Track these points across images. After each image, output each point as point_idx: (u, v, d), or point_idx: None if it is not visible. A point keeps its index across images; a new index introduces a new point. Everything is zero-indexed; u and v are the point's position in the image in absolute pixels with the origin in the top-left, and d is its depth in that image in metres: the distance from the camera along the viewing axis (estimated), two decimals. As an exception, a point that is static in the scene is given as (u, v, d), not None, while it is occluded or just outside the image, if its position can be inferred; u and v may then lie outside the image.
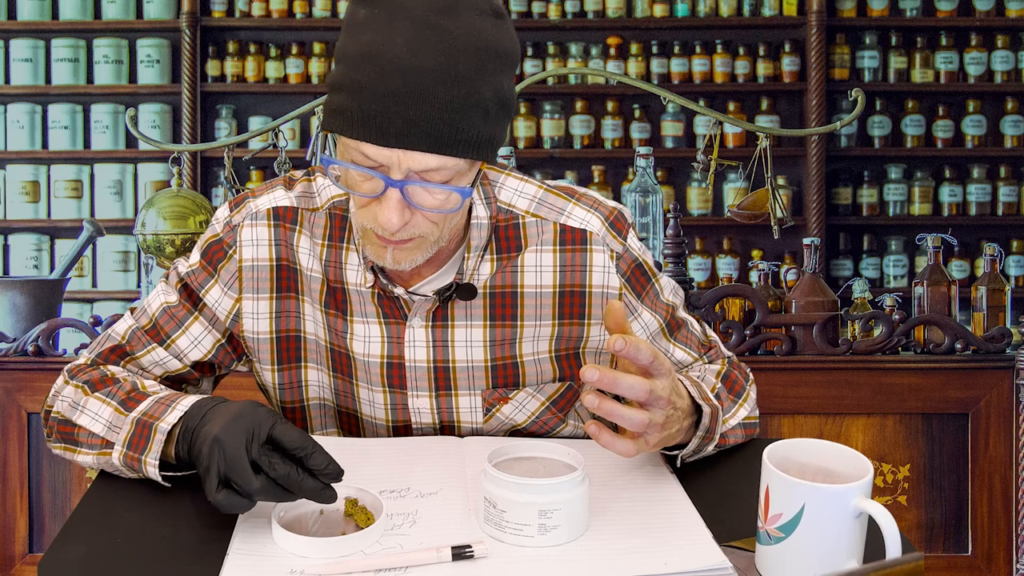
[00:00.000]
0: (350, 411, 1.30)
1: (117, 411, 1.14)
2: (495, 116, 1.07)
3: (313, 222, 1.24)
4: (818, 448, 0.96)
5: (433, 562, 0.93)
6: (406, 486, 1.09)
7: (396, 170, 1.05)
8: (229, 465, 0.97)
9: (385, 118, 1.02)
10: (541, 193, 1.25)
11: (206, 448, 1.00)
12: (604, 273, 1.23)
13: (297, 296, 1.25)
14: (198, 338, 1.26)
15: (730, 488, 1.13)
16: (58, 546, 1.00)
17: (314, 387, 1.29)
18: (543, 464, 1.03)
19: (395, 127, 1.02)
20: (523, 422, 1.29)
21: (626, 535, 0.99)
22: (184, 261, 1.28)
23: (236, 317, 1.25)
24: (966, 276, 4.33)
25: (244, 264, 1.24)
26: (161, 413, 1.09)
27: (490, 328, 1.23)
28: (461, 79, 1.03)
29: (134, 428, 1.10)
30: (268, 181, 1.29)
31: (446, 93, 1.02)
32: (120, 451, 1.10)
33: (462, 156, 1.05)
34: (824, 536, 0.90)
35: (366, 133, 1.04)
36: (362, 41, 1.04)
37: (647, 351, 1.00)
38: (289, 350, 1.27)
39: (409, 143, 1.03)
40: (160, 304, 1.26)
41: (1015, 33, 4.42)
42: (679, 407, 1.07)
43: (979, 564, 2.37)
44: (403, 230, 1.09)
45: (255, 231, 1.24)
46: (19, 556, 2.41)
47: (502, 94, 1.08)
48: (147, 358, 1.26)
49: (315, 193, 1.25)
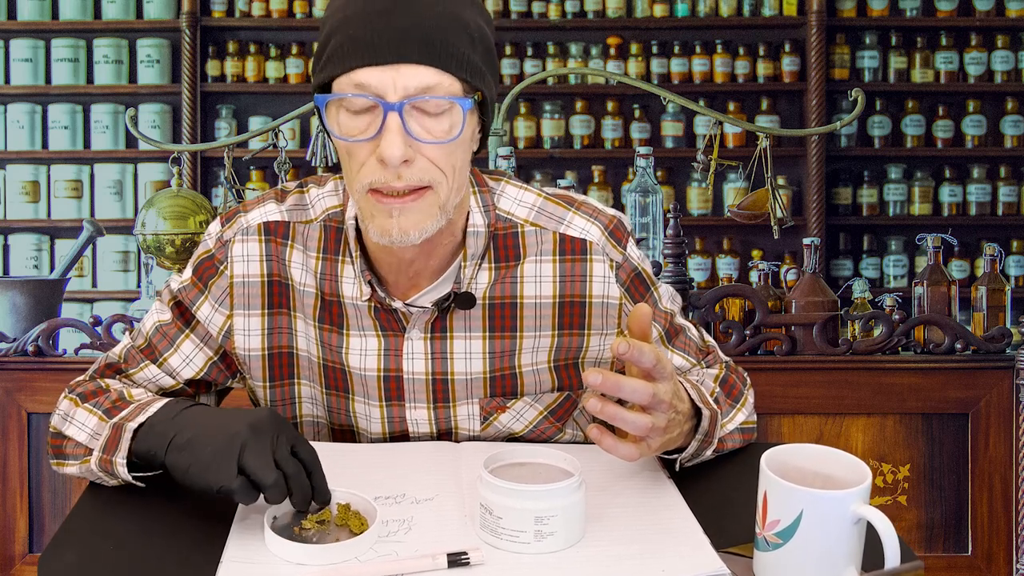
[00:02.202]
0: (344, 427, 1.29)
1: (100, 419, 1.14)
2: (482, 54, 1.09)
3: (307, 235, 1.22)
4: (816, 453, 0.96)
5: (429, 569, 0.92)
6: (401, 492, 1.08)
7: (392, 92, 1.05)
8: (251, 451, 0.98)
9: (376, 34, 1.04)
10: (540, 201, 1.24)
11: (224, 436, 1.00)
12: (604, 283, 1.22)
13: (289, 312, 1.24)
14: (189, 356, 1.25)
15: (728, 494, 1.12)
16: (57, 544, 1.00)
17: (307, 403, 1.28)
18: (539, 470, 1.03)
19: (385, 40, 1.04)
20: (521, 431, 1.28)
21: (623, 541, 0.99)
22: (177, 277, 1.27)
23: (228, 333, 1.24)
24: (966, 276, 4.33)
25: (235, 280, 1.23)
26: (136, 415, 1.09)
27: (489, 339, 1.22)
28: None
29: (110, 432, 1.10)
30: (260, 195, 1.28)
31: (431, 7, 1.05)
32: (97, 456, 1.10)
33: (455, 72, 1.06)
34: (822, 542, 0.89)
35: (358, 56, 1.04)
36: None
37: (650, 354, 0.99)
38: (281, 367, 1.26)
39: (402, 53, 1.04)
40: (154, 323, 1.26)
41: (1015, 33, 4.42)
42: (680, 410, 1.07)
43: (979, 564, 2.37)
44: (407, 171, 1.07)
45: (246, 247, 1.23)
46: (19, 556, 2.41)
47: (484, 35, 1.10)
48: (141, 375, 1.26)
49: (308, 205, 1.24)
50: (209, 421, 1.04)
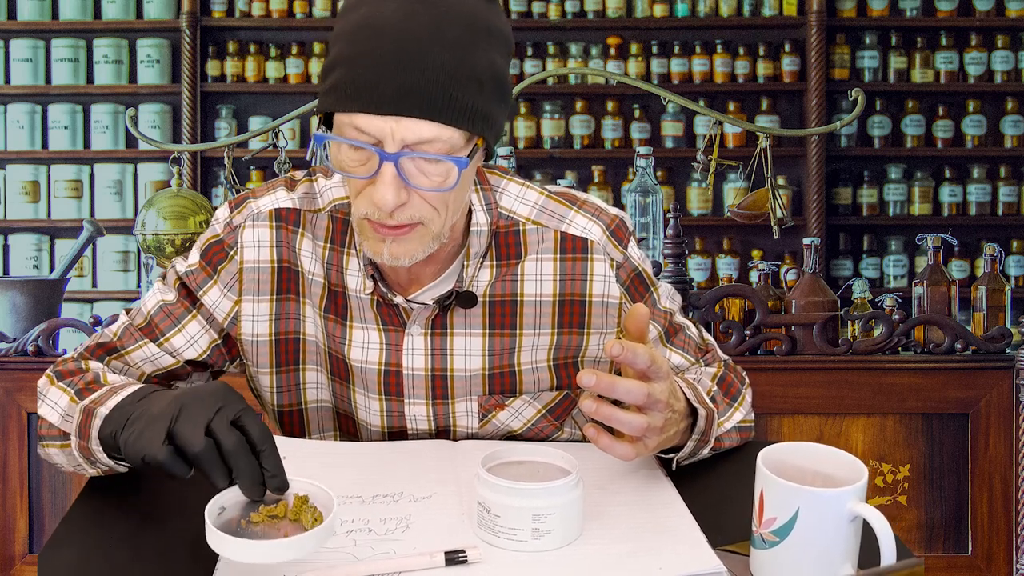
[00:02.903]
0: (347, 413, 1.29)
1: (72, 400, 1.11)
2: (491, 92, 1.06)
3: (315, 224, 1.23)
4: (813, 452, 0.96)
5: (426, 567, 0.92)
6: (399, 490, 1.08)
7: (390, 143, 1.03)
8: (182, 418, 0.93)
9: (378, 84, 1.02)
10: (542, 200, 1.24)
11: (159, 404, 0.96)
12: (604, 282, 1.22)
13: (298, 298, 1.24)
14: (194, 337, 1.24)
15: (725, 492, 1.12)
16: (57, 540, 1.00)
17: (312, 389, 1.28)
18: (537, 468, 1.03)
19: (388, 92, 1.01)
20: (519, 428, 1.28)
21: (621, 539, 0.99)
22: (183, 260, 1.26)
23: (234, 319, 1.24)
24: (966, 276, 4.33)
25: (245, 266, 1.23)
26: (106, 399, 1.06)
27: (489, 337, 1.23)
28: (452, 45, 1.02)
29: (81, 415, 1.07)
30: (268, 181, 1.28)
31: (437, 57, 1.02)
32: (75, 441, 1.08)
33: (456, 125, 1.04)
34: (819, 540, 0.89)
35: (359, 102, 1.03)
36: (354, 18, 1.05)
37: (644, 355, 0.99)
38: (288, 352, 1.26)
39: (402, 108, 1.02)
40: (156, 302, 1.25)
41: (1015, 33, 4.42)
42: (677, 409, 1.07)
43: (979, 564, 2.37)
44: (400, 212, 1.07)
45: (256, 232, 1.23)
46: (19, 556, 2.41)
47: (496, 71, 1.07)
48: (137, 353, 1.23)
49: (317, 194, 1.24)
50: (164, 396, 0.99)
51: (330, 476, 1.12)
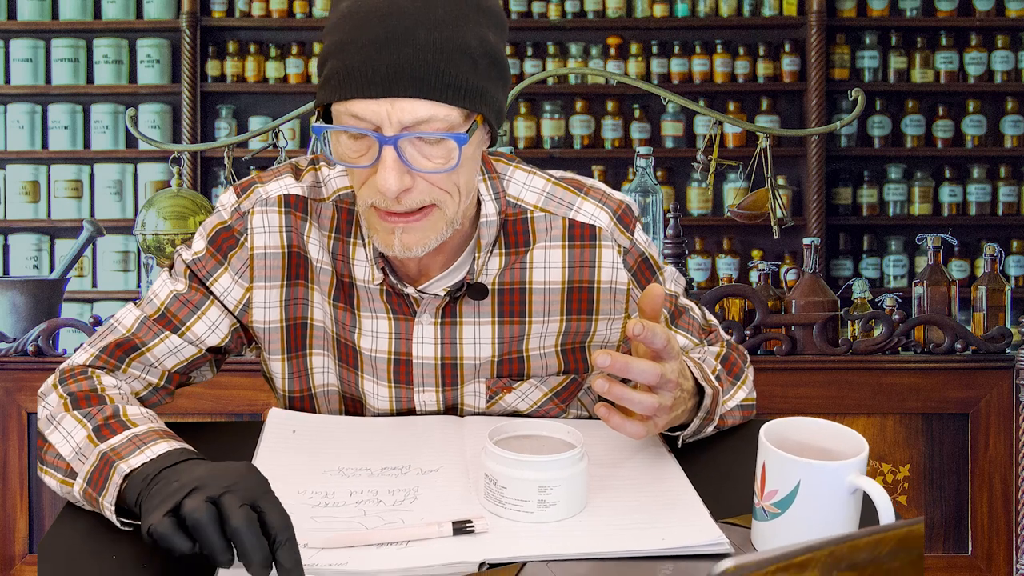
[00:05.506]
0: (355, 398, 1.30)
1: (89, 438, 1.05)
2: (485, 69, 1.06)
3: (320, 212, 1.23)
4: (814, 426, 0.97)
5: (435, 536, 0.94)
6: (407, 463, 1.10)
7: (387, 126, 1.04)
8: (195, 494, 0.87)
9: (369, 67, 1.02)
10: (549, 187, 1.24)
11: (177, 483, 0.90)
12: (612, 269, 1.23)
13: (307, 284, 1.24)
14: (215, 323, 1.22)
15: (727, 467, 1.14)
16: (56, 532, 1.00)
17: (319, 373, 1.28)
18: (543, 442, 1.05)
19: (379, 75, 1.02)
20: (525, 410, 1.29)
21: (624, 511, 1.00)
22: (187, 249, 1.24)
23: (246, 307, 1.23)
24: (966, 276, 4.33)
25: (256, 252, 1.21)
26: (128, 453, 1.00)
27: (499, 325, 1.23)
28: (441, 22, 1.03)
29: (98, 462, 1.01)
30: (273, 168, 1.27)
31: (427, 35, 1.02)
32: (81, 485, 1.02)
33: (451, 102, 1.03)
34: (819, 512, 0.91)
35: (351, 88, 1.03)
36: (342, 8, 1.06)
37: (662, 335, 1.00)
38: (297, 338, 1.26)
39: (394, 89, 1.02)
40: (169, 292, 1.22)
41: (1015, 33, 4.42)
42: (685, 388, 1.08)
43: (979, 564, 2.37)
44: (407, 197, 1.06)
45: (266, 217, 1.21)
46: (19, 556, 2.41)
47: (489, 47, 1.07)
48: (159, 348, 1.20)
49: (321, 183, 1.24)
50: (186, 471, 0.93)
51: (338, 449, 1.14)
